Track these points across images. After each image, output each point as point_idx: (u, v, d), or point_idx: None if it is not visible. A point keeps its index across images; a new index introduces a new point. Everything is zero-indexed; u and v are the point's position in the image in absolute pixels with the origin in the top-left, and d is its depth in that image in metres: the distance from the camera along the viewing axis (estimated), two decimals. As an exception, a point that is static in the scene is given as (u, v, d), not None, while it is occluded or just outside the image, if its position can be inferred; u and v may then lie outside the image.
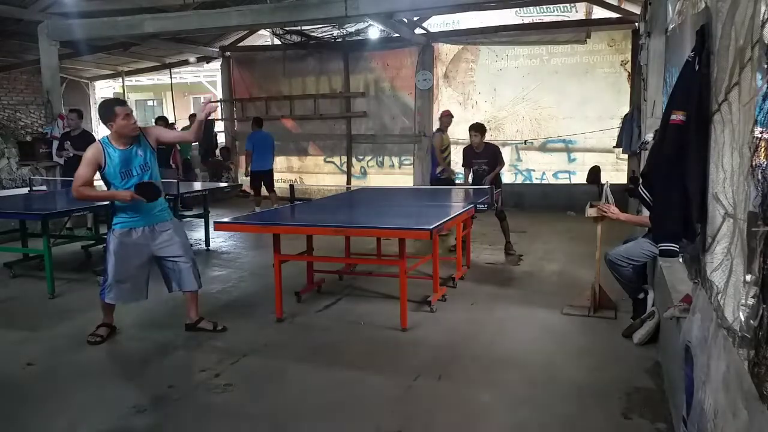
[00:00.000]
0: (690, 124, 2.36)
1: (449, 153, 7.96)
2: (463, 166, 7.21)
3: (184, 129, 14.34)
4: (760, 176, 1.49)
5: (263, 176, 9.56)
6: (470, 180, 7.04)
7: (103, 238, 6.46)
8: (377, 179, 11.48)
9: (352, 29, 10.44)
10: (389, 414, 3.08)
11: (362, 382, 3.48)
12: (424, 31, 10.92)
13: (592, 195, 5.51)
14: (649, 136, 5.04)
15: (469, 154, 7.02)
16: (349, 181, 11.59)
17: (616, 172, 9.58)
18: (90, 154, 3.91)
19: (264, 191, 9.61)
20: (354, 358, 3.86)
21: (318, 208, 6.08)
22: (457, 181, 8.26)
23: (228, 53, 12.71)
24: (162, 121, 10.01)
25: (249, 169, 9.54)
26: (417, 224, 4.48)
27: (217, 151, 12.89)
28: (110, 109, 3.89)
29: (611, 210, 4.32)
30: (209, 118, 4.52)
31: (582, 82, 10.01)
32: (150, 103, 21.44)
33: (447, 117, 7.94)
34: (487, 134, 7.02)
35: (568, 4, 10.33)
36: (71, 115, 8.10)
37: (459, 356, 3.84)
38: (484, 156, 6.88)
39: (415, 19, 10.48)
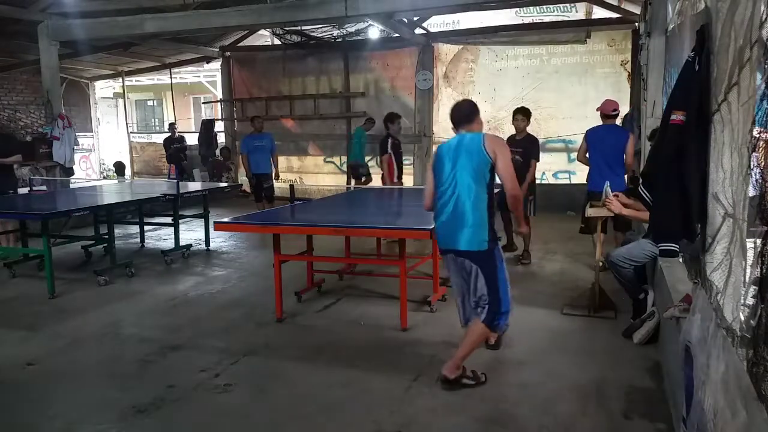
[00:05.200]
0: (690, 124, 2.37)
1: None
2: None
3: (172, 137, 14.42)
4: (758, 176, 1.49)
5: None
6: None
7: (104, 238, 6.48)
8: (377, 179, 11.45)
9: (352, 29, 10.44)
10: (389, 414, 3.08)
11: (362, 382, 3.48)
12: (424, 31, 10.92)
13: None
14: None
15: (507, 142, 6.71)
16: (349, 181, 11.57)
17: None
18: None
19: None
20: (354, 358, 3.86)
21: (318, 208, 6.08)
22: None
23: (228, 53, 12.72)
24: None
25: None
26: (417, 224, 4.48)
27: (218, 151, 12.89)
28: (476, 108, 3.54)
29: (614, 203, 4.28)
30: (210, 118, 4.37)
31: (582, 82, 10.00)
32: (150, 103, 21.43)
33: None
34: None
35: (568, 4, 10.32)
36: None
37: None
38: (520, 145, 6.28)
39: (415, 19, 10.48)
